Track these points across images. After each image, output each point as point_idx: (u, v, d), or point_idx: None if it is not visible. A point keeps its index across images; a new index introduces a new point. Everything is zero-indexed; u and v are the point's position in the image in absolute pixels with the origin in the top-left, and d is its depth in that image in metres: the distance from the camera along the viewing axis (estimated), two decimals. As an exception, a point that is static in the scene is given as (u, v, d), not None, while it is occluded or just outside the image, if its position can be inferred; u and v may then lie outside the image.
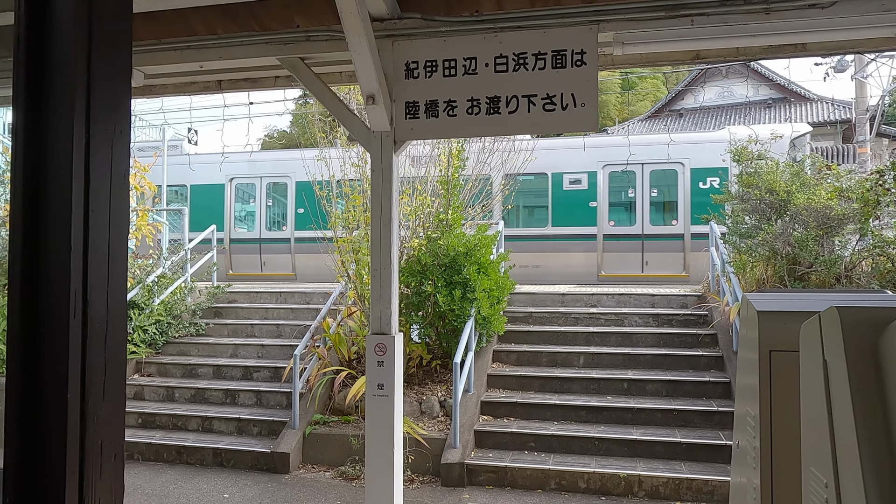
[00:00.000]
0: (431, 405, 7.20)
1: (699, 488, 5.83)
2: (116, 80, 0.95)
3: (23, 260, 0.84)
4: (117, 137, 0.94)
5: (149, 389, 8.39)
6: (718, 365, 7.74)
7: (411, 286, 7.73)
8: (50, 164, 0.86)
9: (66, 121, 0.86)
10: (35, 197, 0.85)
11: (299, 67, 4.89)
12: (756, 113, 23.95)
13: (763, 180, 8.24)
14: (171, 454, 7.20)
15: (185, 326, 9.57)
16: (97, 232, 0.88)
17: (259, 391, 8.09)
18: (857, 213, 7.71)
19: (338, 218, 8.55)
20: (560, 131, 8.71)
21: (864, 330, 1.33)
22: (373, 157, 4.68)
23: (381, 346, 4.60)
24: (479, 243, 7.90)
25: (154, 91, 6.00)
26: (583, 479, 6.07)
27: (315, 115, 10.68)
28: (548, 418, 7.12)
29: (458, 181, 8.41)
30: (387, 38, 4.56)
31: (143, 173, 10.52)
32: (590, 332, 8.52)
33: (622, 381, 7.52)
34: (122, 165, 0.95)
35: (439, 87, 4.49)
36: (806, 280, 7.90)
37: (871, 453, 1.21)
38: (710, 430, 6.67)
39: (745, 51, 4.75)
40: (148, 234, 10.67)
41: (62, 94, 0.87)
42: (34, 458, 0.83)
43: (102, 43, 0.91)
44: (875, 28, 4.35)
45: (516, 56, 4.35)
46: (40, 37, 0.87)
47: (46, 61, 0.87)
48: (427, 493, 6.16)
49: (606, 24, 4.27)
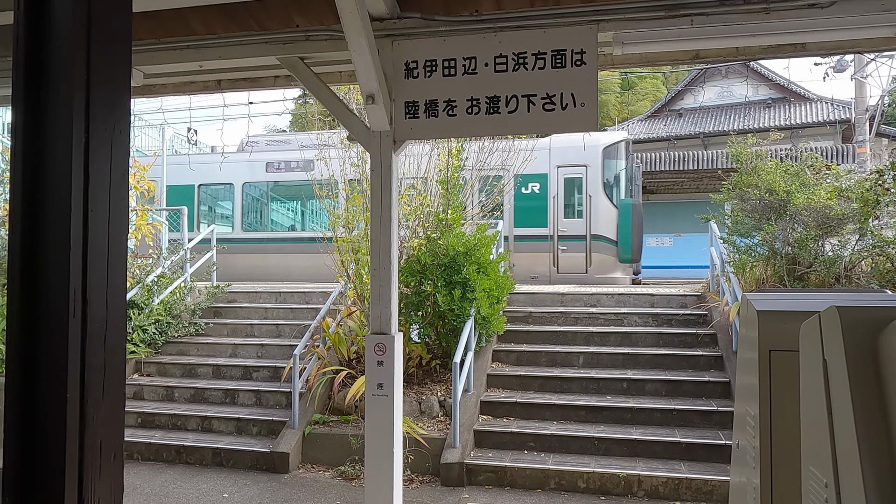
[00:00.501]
0: (431, 405, 7.20)
1: (699, 488, 5.83)
2: (116, 79, 0.95)
3: (22, 259, 0.84)
4: (116, 137, 0.94)
5: (148, 389, 8.39)
6: (718, 365, 7.74)
7: (411, 286, 7.73)
8: (49, 163, 0.86)
9: (66, 120, 0.86)
10: (34, 196, 0.85)
11: (299, 67, 4.89)
12: (756, 113, 23.96)
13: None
14: (170, 454, 7.20)
15: (185, 326, 9.57)
16: (96, 231, 0.88)
17: (258, 391, 8.09)
18: (857, 213, 7.72)
19: (337, 217, 8.55)
20: (560, 131, 8.70)
21: (863, 329, 1.33)
22: (372, 156, 4.68)
23: (380, 345, 4.60)
24: (478, 243, 7.91)
25: (153, 91, 6.00)
26: (582, 479, 6.08)
27: (315, 115, 10.68)
28: (547, 418, 7.12)
29: (457, 181, 8.41)
30: (386, 37, 4.56)
31: (143, 173, 10.51)
32: (589, 332, 8.52)
33: (622, 380, 7.52)
34: (122, 165, 0.95)
35: (439, 86, 4.49)
36: (805, 280, 7.90)
37: (870, 453, 1.21)
38: (709, 430, 6.67)
39: (744, 50, 4.75)
40: (147, 234, 10.66)
41: (61, 94, 0.86)
42: (33, 458, 0.83)
43: (101, 42, 0.91)
44: (875, 28, 4.35)
45: (516, 56, 4.35)
46: (39, 36, 0.87)
47: (45, 61, 0.87)
48: (426, 492, 6.16)
49: (606, 23, 4.27)
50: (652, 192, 19.64)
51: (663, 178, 18.08)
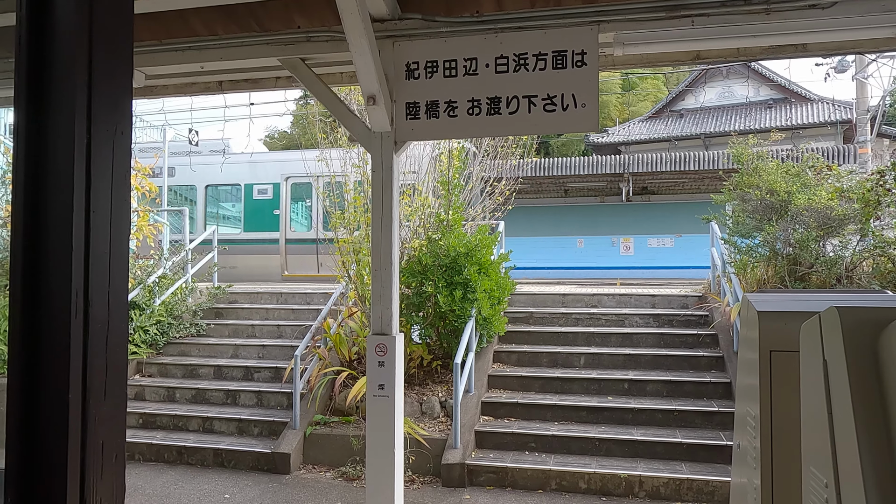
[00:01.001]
0: (432, 405, 7.20)
1: (700, 489, 5.83)
2: (117, 80, 0.95)
3: (24, 260, 0.84)
4: (118, 138, 0.94)
5: (150, 390, 8.39)
6: (719, 365, 7.73)
7: (412, 287, 7.73)
8: (51, 164, 0.86)
9: (68, 121, 0.86)
10: (36, 197, 0.85)
11: (300, 68, 4.89)
12: (757, 113, 23.95)
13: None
14: (171, 455, 7.20)
15: (186, 327, 9.57)
16: (98, 232, 0.88)
17: (260, 391, 8.09)
18: (858, 214, 7.71)
19: (338, 218, 8.55)
20: (561, 132, 8.70)
21: (864, 330, 1.33)
22: (373, 157, 4.68)
23: (381, 346, 4.60)
24: (479, 244, 7.91)
25: (155, 92, 6.01)
26: (583, 480, 6.07)
27: (316, 116, 10.68)
28: (548, 419, 7.12)
29: (458, 181, 8.41)
30: (387, 38, 4.56)
31: (144, 174, 10.52)
32: (590, 333, 8.52)
33: (623, 381, 7.51)
34: (124, 166, 0.95)
35: (440, 87, 4.49)
36: (807, 280, 7.89)
37: (870, 453, 1.21)
38: (710, 431, 6.67)
39: (745, 51, 4.75)
40: (149, 235, 10.67)
41: (63, 95, 0.87)
42: (35, 459, 0.83)
43: (103, 43, 0.91)
44: (876, 28, 4.35)
45: (517, 56, 4.35)
46: (41, 37, 0.87)
47: (47, 62, 0.87)
48: (428, 493, 6.16)
49: (607, 24, 4.27)
50: (653, 192, 19.64)
51: (664, 179, 18.06)
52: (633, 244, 19.66)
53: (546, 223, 19.98)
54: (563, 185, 19.05)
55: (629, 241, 19.68)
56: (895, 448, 1.19)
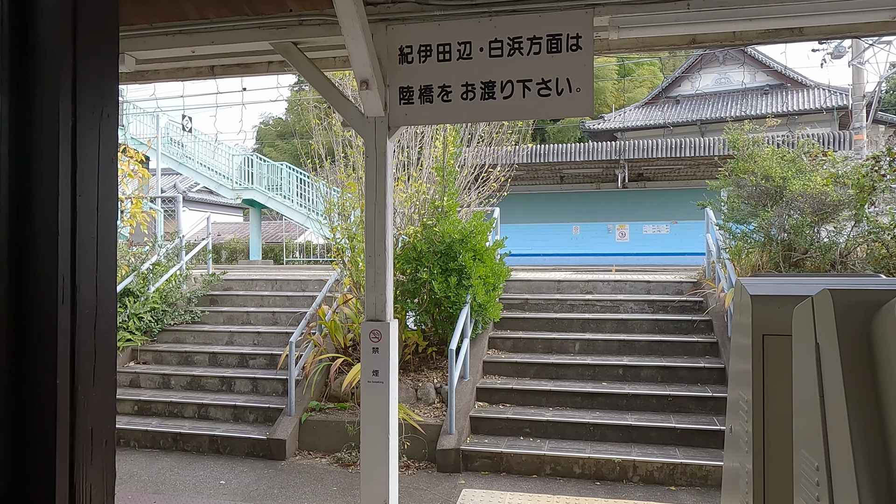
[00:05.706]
0: (427, 392, 7.23)
1: (693, 473, 5.88)
2: (103, 62, 0.93)
3: (10, 246, 0.83)
4: (104, 121, 0.92)
5: (144, 377, 8.40)
6: (713, 351, 7.78)
7: (407, 273, 7.72)
8: (36, 147, 0.84)
9: (52, 104, 0.85)
10: (21, 181, 0.84)
11: (292, 52, 4.84)
12: (753, 99, 23.92)
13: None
14: (167, 441, 7.22)
15: (181, 314, 9.56)
16: (85, 216, 0.87)
17: (255, 378, 8.11)
18: (853, 200, 7.72)
19: (332, 204, 8.52)
20: (556, 117, 8.67)
21: (856, 313, 1.33)
22: (367, 142, 4.65)
23: (376, 332, 4.60)
24: (474, 230, 7.89)
25: (146, 76, 5.94)
26: (578, 465, 6.12)
27: (310, 102, 10.61)
28: (543, 404, 7.16)
29: (453, 167, 8.38)
30: (380, 22, 4.51)
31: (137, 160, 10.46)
32: (585, 319, 8.55)
33: (617, 367, 7.55)
34: (111, 149, 0.94)
35: (434, 72, 4.46)
36: (801, 266, 7.92)
37: (862, 436, 1.22)
38: (704, 416, 6.72)
39: (741, 35, 4.72)
40: (142, 222, 10.62)
41: (47, 77, 0.85)
42: (24, 445, 0.82)
43: (88, 24, 0.89)
44: (873, 11, 4.32)
45: (511, 40, 4.31)
46: (25, 19, 0.85)
47: (31, 43, 0.85)
48: (423, 478, 6.20)
49: (602, 7, 4.23)
50: (649, 179, 19.63)
51: (660, 165, 18.06)
52: (629, 231, 19.68)
53: (542, 210, 19.95)
54: (559, 171, 19.02)
55: (625, 228, 19.69)
56: (886, 431, 1.20)
